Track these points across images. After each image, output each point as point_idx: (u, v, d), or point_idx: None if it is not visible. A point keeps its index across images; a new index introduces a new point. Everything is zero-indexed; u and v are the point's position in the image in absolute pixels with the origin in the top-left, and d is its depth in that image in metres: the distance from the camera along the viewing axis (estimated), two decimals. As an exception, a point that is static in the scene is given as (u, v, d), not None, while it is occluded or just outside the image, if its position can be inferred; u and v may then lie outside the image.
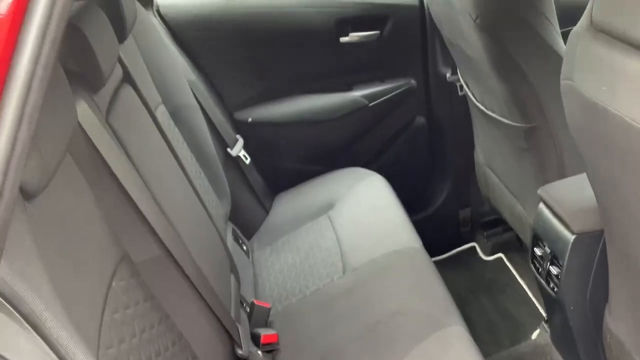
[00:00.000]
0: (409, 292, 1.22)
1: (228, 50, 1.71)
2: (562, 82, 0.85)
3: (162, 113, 1.30)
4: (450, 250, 2.04)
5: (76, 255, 0.66)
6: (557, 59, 1.15)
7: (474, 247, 2.05)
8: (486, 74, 1.23)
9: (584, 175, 1.20)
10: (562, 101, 1.20)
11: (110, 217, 0.76)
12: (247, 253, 1.57)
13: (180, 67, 1.54)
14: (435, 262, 1.37)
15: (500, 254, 1.98)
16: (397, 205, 1.53)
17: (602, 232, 1.07)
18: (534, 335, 1.55)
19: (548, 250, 1.20)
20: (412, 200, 1.74)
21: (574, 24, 1.15)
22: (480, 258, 2.01)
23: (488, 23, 1.11)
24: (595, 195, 1.00)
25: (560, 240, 1.14)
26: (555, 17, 1.14)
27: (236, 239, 1.56)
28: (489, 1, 1.11)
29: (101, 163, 0.79)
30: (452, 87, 1.75)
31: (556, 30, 1.14)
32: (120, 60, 1.02)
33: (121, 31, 1.10)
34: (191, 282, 0.86)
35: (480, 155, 1.68)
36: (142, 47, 1.36)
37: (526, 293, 1.81)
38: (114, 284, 0.70)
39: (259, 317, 1.25)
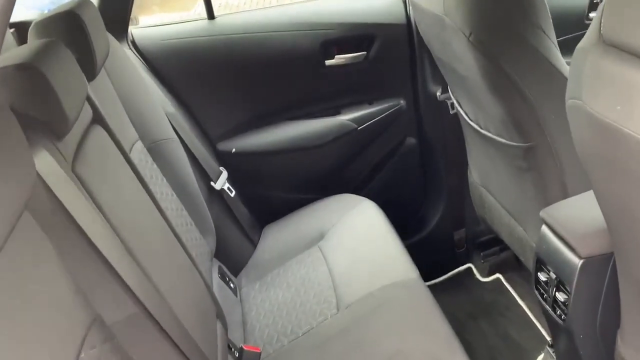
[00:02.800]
0: (408, 330, 1.15)
1: (208, 79, 1.65)
2: (569, 102, 0.80)
3: (138, 151, 1.23)
4: (446, 272, 1.98)
5: (38, 324, 0.59)
6: (555, 75, 1.11)
7: (470, 269, 1.99)
8: (481, 92, 1.17)
9: (587, 195, 1.15)
10: (562, 118, 1.15)
11: (79, 277, 0.68)
12: (234, 291, 1.49)
13: (157, 100, 1.47)
14: (432, 286, 1.31)
15: (498, 275, 1.92)
16: (391, 233, 1.47)
17: (610, 255, 1.02)
18: (539, 361, 1.48)
19: (553, 276, 1.14)
20: (405, 223, 1.68)
21: (567, 32, 1.12)
22: (477, 280, 1.95)
23: (482, 40, 1.06)
24: (605, 218, 0.94)
25: (566, 266, 1.08)
26: (553, 29, 1.09)
27: (222, 276, 1.49)
28: (483, 17, 1.06)
29: (66, 218, 0.72)
30: (443, 105, 1.70)
31: (554, 44, 1.09)
32: (89, 100, 0.95)
33: (91, 68, 1.03)
34: (172, 340, 0.78)
35: (474, 174, 1.62)
36: (116, 82, 1.29)
37: (527, 316, 1.74)
38: (82, 354, 0.61)
39: (249, 363, 1.17)
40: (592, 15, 1.82)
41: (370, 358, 1.10)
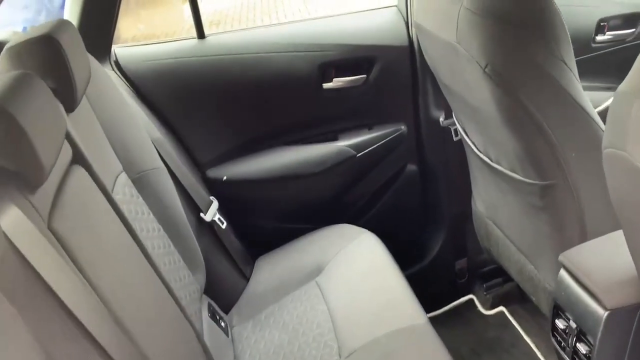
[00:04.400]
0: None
1: (197, 102, 1.55)
2: (608, 151, 0.72)
3: (122, 184, 1.13)
4: (447, 304, 1.89)
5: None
6: (578, 110, 1.03)
7: (472, 300, 1.91)
8: (495, 125, 1.09)
9: (608, 238, 1.08)
10: (584, 156, 1.08)
11: (55, 349, 0.58)
12: (225, 330, 1.39)
13: (143, 125, 1.36)
14: (432, 318, 1.22)
15: (501, 307, 1.84)
16: (395, 269, 1.37)
17: (637, 306, 0.94)
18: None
19: (574, 325, 1.06)
20: (404, 252, 1.59)
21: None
22: (479, 312, 1.86)
23: (500, 71, 0.97)
24: (637, 266, 0.87)
25: (589, 316, 1.00)
26: (574, 61, 1.01)
27: (213, 314, 1.38)
28: (501, 47, 0.98)
29: (39, 284, 0.61)
30: (446, 131, 1.62)
31: (575, 77, 1.01)
32: (68, 138, 0.85)
33: (71, 99, 0.92)
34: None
35: (479, 205, 1.54)
36: (98, 107, 1.18)
37: (534, 353, 1.66)
38: None
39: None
40: (599, 38, 1.76)
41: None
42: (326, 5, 6.75)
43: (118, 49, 1.52)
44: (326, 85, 1.58)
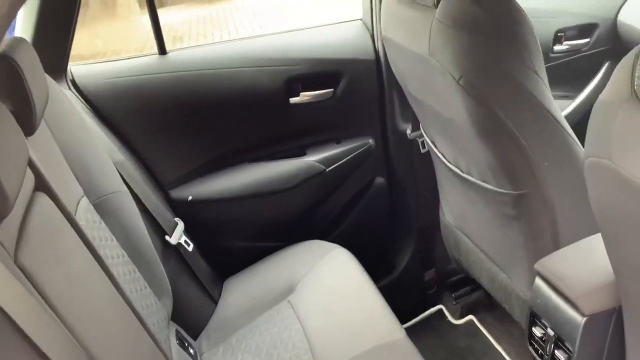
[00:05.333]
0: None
1: (159, 120, 1.49)
2: (590, 160, 0.72)
3: (84, 210, 1.06)
4: (417, 315, 1.89)
5: None
6: (550, 119, 1.05)
7: (441, 310, 1.91)
8: (467, 136, 1.09)
9: (581, 245, 1.09)
10: (555, 165, 1.10)
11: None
12: (194, 357, 1.33)
13: (103, 147, 1.30)
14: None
15: (470, 316, 1.85)
16: (369, 284, 1.35)
17: (613, 310, 0.96)
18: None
19: (551, 332, 1.06)
20: (374, 266, 1.57)
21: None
22: (449, 322, 1.87)
23: (473, 83, 0.98)
24: (617, 275, 0.88)
25: (568, 323, 1.01)
26: (545, 71, 1.02)
27: (181, 341, 1.32)
28: (475, 59, 0.98)
29: (8, 325, 0.55)
30: (413, 144, 1.63)
31: (546, 87, 1.02)
32: (31, 164, 0.79)
33: (30, 122, 0.86)
34: None
35: (448, 216, 1.54)
36: (55, 130, 1.11)
37: (506, 360, 1.68)
38: None
39: None
40: (557, 48, 1.81)
41: None
42: (275, 20, 6.79)
43: (74, 67, 1.45)
44: (293, 100, 1.56)
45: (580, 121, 1.66)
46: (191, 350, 1.33)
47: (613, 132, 0.67)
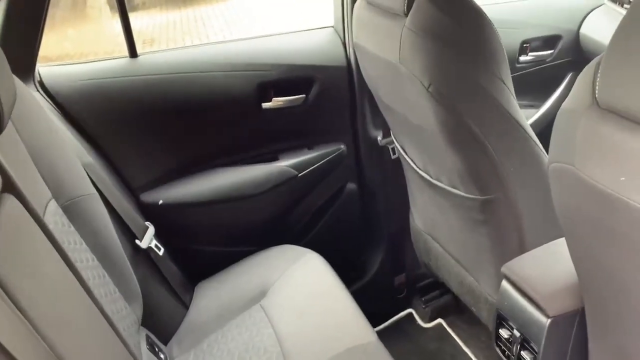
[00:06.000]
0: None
1: (129, 123, 1.47)
2: (554, 165, 0.75)
3: (52, 213, 1.04)
4: (388, 319, 1.91)
5: None
6: (515, 127, 1.08)
7: (411, 314, 1.94)
8: (436, 143, 1.12)
9: (546, 248, 1.13)
10: (521, 171, 1.13)
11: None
12: (165, 363, 1.31)
13: (72, 149, 1.28)
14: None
15: (440, 320, 1.88)
16: (341, 288, 1.37)
17: (576, 311, 0.99)
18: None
19: (517, 334, 1.09)
20: (346, 271, 1.59)
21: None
22: (419, 326, 1.90)
23: (442, 91, 1.00)
24: (580, 278, 0.92)
25: (533, 324, 1.04)
26: (511, 80, 1.06)
27: (151, 347, 1.30)
28: (444, 67, 1.01)
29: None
30: (384, 150, 1.65)
31: (512, 95, 1.06)
32: None
33: None
34: None
35: (418, 221, 1.57)
36: (23, 131, 1.09)
37: (474, 362, 1.71)
38: None
39: None
40: (522, 58, 1.87)
41: None
42: (248, 27, 6.78)
43: (43, 69, 1.42)
44: (265, 105, 1.57)
45: (544, 129, 1.72)
46: (162, 356, 1.32)
47: (576, 138, 0.70)
